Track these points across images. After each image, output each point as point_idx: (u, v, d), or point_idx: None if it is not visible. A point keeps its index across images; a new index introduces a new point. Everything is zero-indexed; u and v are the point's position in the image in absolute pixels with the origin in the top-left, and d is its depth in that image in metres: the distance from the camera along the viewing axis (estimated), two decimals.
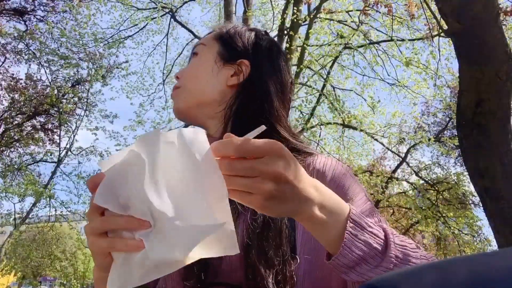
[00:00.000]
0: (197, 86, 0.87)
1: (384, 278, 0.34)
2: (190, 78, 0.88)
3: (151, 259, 0.45)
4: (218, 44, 0.89)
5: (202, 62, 0.88)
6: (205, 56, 0.89)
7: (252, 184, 0.47)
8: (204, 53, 0.89)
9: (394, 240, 0.57)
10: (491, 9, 2.28)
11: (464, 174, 8.85)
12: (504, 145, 2.36)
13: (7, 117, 10.60)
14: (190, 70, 0.89)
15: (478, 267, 0.32)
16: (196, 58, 0.90)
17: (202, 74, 0.87)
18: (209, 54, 0.89)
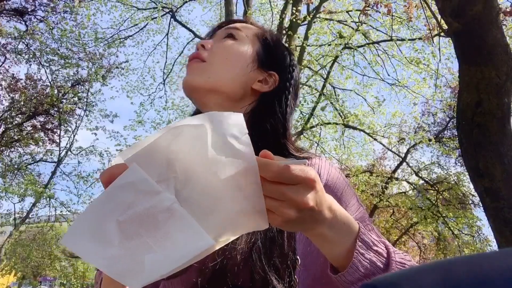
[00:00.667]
0: (227, 72, 0.79)
1: (384, 278, 0.34)
2: (223, 59, 0.79)
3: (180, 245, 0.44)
4: (259, 44, 0.84)
5: (241, 51, 0.81)
6: (244, 46, 0.82)
7: (278, 207, 0.49)
8: (243, 42, 0.82)
9: (395, 258, 0.60)
10: (491, 9, 2.28)
11: (464, 174, 8.86)
12: (504, 145, 2.36)
13: (7, 117, 10.61)
14: (225, 51, 0.80)
15: (478, 267, 0.32)
16: (235, 43, 0.82)
17: (237, 63, 0.80)
18: (249, 47, 0.82)
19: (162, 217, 0.44)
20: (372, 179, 9.07)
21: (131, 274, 0.44)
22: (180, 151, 0.46)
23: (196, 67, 0.78)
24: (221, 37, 0.83)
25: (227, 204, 0.47)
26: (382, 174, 9.75)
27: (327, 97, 8.10)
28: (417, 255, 13.54)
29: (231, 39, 0.82)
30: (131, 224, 0.44)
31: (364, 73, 8.46)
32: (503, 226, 2.38)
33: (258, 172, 0.47)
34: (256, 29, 0.87)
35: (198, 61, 0.78)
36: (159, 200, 0.44)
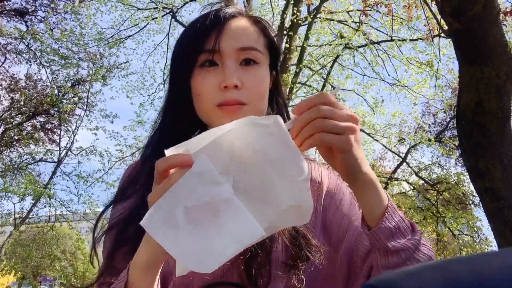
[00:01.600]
0: (262, 106, 0.78)
1: (384, 278, 0.34)
2: (258, 96, 0.77)
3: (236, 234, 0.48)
4: (268, 55, 0.82)
5: (266, 76, 0.79)
6: (265, 69, 0.80)
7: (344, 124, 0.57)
8: (263, 65, 0.79)
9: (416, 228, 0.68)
10: (491, 9, 2.28)
11: (464, 174, 8.85)
12: (504, 145, 2.36)
13: (7, 117, 10.61)
14: (257, 85, 0.76)
15: (478, 267, 0.32)
16: (259, 70, 0.78)
17: (265, 93, 0.79)
18: (266, 67, 0.80)
19: (221, 207, 0.49)
20: None
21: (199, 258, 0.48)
22: (244, 146, 0.51)
23: (238, 110, 0.74)
24: (236, 58, 0.76)
25: (280, 198, 0.51)
26: (382, 174, 9.74)
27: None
28: None
29: (255, 65, 0.77)
30: (196, 211, 0.49)
31: (364, 73, 8.46)
32: (503, 226, 2.38)
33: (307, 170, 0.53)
34: (266, 39, 0.81)
35: (239, 105, 0.74)
36: (220, 191, 0.49)
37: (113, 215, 0.80)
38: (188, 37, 0.80)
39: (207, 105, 0.75)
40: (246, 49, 0.76)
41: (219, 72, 0.75)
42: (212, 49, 0.74)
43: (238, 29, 0.77)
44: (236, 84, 0.73)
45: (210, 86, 0.75)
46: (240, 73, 0.75)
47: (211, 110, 0.75)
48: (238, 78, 0.74)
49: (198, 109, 0.79)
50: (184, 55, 0.79)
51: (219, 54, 0.75)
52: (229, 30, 0.76)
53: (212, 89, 0.74)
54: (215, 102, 0.74)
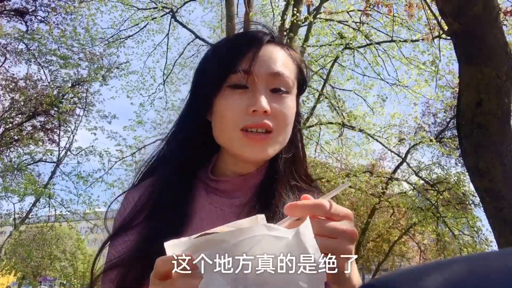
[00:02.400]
0: (285, 137, 0.76)
1: (384, 278, 0.34)
2: (284, 125, 0.74)
3: None
4: (297, 86, 0.80)
5: (293, 107, 0.76)
6: (293, 97, 0.78)
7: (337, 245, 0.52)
8: (292, 94, 0.77)
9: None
10: (491, 9, 2.28)
11: (465, 174, 8.85)
12: (504, 145, 2.36)
13: (7, 117, 10.61)
14: (284, 114, 0.74)
15: (478, 267, 0.32)
16: (288, 98, 0.75)
17: (291, 123, 0.77)
18: (294, 97, 0.78)
19: None
20: (372, 179, 9.06)
21: None
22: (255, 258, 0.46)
23: (265, 139, 0.71)
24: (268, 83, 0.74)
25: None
26: (382, 175, 9.74)
27: (327, 97, 8.10)
28: (417, 255, 13.56)
29: (286, 95, 0.75)
30: None
31: (364, 73, 8.46)
32: (503, 226, 2.38)
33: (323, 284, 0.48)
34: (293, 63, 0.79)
35: (266, 134, 0.72)
36: None
37: (111, 253, 0.74)
38: (221, 54, 0.76)
39: (230, 128, 0.72)
40: (279, 75, 0.74)
41: (249, 95, 0.72)
42: (247, 70, 0.71)
43: (274, 54, 0.75)
44: (266, 109, 0.70)
45: (237, 108, 0.71)
46: (270, 100, 0.72)
47: (234, 134, 0.72)
48: (268, 103, 0.71)
49: (219, 131, 0.75)
50: (214, 71, 0.75)
51: (252, 77, 0.72)
52: (265, 55, 0.74)
53: (239, 111, 0.71)
54: (240, 125, 0.71)
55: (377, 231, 12.68)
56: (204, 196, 0.78)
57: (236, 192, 0.78)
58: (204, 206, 0.77)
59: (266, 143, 0.71)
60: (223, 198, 0.78)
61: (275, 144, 0.73)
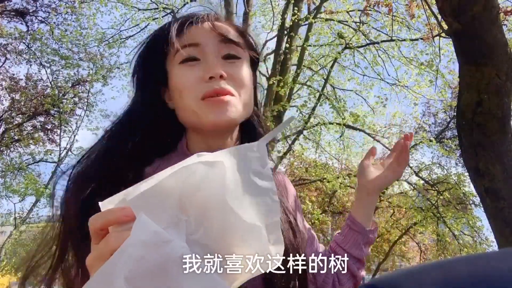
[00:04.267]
0: (249, 101, 0.75)
1: (384, 278, 0.34)
2: (245, 88, 0.74)
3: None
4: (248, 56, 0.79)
5: (248, 72, 0.77)
6: (247, 65, 0.77)
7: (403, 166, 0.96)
8: (245, 61, 0.77)
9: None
10: (491, 9, 2.28)
11: (465, 175, 8.84)
12: (504, 145, 2.36)
13: (7, 117, 10.61)
14: (241, 77, 0.73)
15: (478, 267, 0.32)
16: (242, 64, 0.75)
17: (251, 88, 0.77)
18: (248, 65, 0.78)
19: (174, 268, 0.40)
20: None
21: None
22: (193, 191, 0.42)
23: (227, 100, 0.69)
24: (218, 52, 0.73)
25: (247, 247, 0.44)
26: None
27: (329, 99, 8.09)
28: (417, 255, 13.54)
29: (238, 61, 0.74)
30: (141, 280, 0.40)
31: (364, 73, 8.46)
32: (503, 226, 2.38)
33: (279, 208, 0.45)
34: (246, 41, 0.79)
35: (228, 95, 0.70)
36: (169, 251, 0.40)
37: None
38: (162, 35, 0.74)
39: (190, 99, 0.70)
40: (228, 41, 0.73)
41: (202, 65, 0.71)
42: (194, 42, 0.71)
43: (220, 24, 0.75)
44: (221, 74, 0.69)
45: (193, 78, 0.70)
46: (224, 67, 0.71)
47: (195, 105, 0.69)
48: (222, 71, 0.70)
49: (181, 108, 0.73)
50: (162, 50, 0.73)
51: (201, 47, 0.72)
52: (208, 25, 0.74)
53: (196, 81, 0.70)
54: (200, 94, 0.69)
55: (377, 231, 12.64)
56: None
57: None
58: None
59: (228, 104, 0.69)
60: None
61: (237, 105, 0.71)
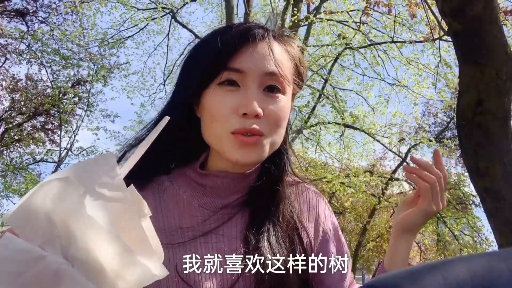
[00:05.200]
0: (278, 139, 0.72)
1: (384, 278, 0.34)
2: (277, 128, 0.70)
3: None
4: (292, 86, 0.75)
5: (287, 107, 0.72)
6: (288, 98, 0.73)
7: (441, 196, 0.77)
8: (287, 94, 0.73)
9: None
10: (491, 9, 2.28)
11: (465, 175, 8.85)
12: (504, 145, 2.36)
13: (7, 117, 10.61)
14: (277, 116, 0.69)
15: (478, 267, 0.32)
16: (283, 99, 0.71)
17: (284, 124, 0.73)
18: (289, 96, 0.74)
19: (51, 282, 0.40)
20: (373, 179, 9.05)
21: None
22: (56, 207, 0.42)
23: (256, 141, 0.67)
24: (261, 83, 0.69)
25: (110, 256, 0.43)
26: (382, 175, 9.74)
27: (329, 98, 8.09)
28: (417, 255, 13.53)
29: (279, 94, 0.70)
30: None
31: (364, 74, 8.46)
32: (503, 226, 2.38)
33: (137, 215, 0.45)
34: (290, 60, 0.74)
35: (256, 136, 0.67)
36: (45, 265, 0.40)
37: None
38: (212, 47, 0.70)
39: (220, 129, 0.68)
40: (273, 75, 0.69)
41: (240, 95, 0.67)
42: (236, 68, 0.67)
43: (268, 52, 0.70)
44: (258, 112, 0.66)
45: (228, 108, 0.67)
46: (262, 101, 0.68)
47: (224, 136, 0.68)
48: (260, 106, 0.66)
49: (207, 130, 0.71)
50: (204, 66, 0.70)
51: (244, 75, 0.67)
52: (259, 52, 0.69)
53: (229, 112, 0.67)
54: (230, 128, 0.67)
55: (377, 231, 12.66)
56: (191, 198, 0.74)
57: (226, 191, 0.74)
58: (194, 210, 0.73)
59: (257, 146, 0.67)
60: (214, 199, 0.73)
61: (266, 147, 0.69)
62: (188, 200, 0.73)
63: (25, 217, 0.42)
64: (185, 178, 0.76)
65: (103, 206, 0.43)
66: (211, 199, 0.73)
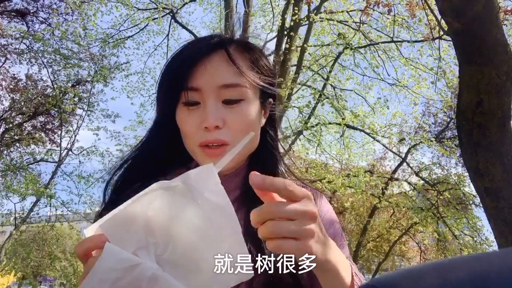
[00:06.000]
0: (249, 144, 0.72)
1: (384, 278, 0.34)
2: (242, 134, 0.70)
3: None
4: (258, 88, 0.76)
5: (251, 113, 0.74)
6: (252, 104, 0.74)
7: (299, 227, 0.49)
8: (250, 100, 0.74)
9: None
10: (491, 9, 2.28)
11: (465, 175, 8.84)
12: (504, 145, 2.36)
13: (7, 117, 10.61)
14: (240, 123, 0.72)
15: (478, 267, 0.32)
16: (244, 106, 0.73)
17: (254, 126, 0.75)
18: (255, 101, 0.75)
19: (146, 287, 0.44)
20: (373, 179, 9.06)
21: None
22: (157, 215, 0.47)
23: (221, 153, 0.70)
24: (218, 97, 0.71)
25: (210, 261, 0.47)
26: (382, 175, 9.74)
27: (329, 98, 8.10)
28: (417, 255, 13.54)
29: (240, 103, 0.72)
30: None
31: (364, 74, 8.46)
32: (503, 226, 2.38)
33: (237, 221, 0.48)
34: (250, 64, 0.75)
35: (220, 147, 0.71)
36: (140, 271, 0.44)
37: None
38: (171, 70, 0.75)
39: (190, 143, 0.74)
40: (228, 86, 0.71)
41: (201, 111, 0.72)
42: (192, 87, 0.71)
43: (220, 64, 0.72)
44: (216, 124, 0.70)
45: (192, 125, 0.72)
46: (222, 112, 0.71)
47: (194, 149, 0.74)
48: (219, 117, 0.70)
49: (185, 144, 0.77)
50: (168, 89, 0.75)
51: (200, 92, 0.71)
52: (210, 67, 0.71)
53: (194, 128, 0.72)
54: (197, 142, 0.72)
55: (377, 231, 12.67)
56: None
57: None
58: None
59: (221, 154, 0.69)
60: None
61: None
62: None
63: (120, 225, 0.46)
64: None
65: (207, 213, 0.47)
66: None
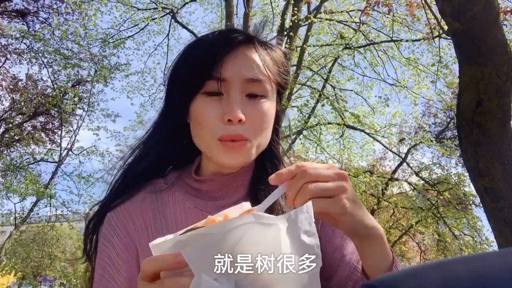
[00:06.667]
0: (264, 142, 0.75)
1: (384, 278, 0.34)
2: (261, 131, 0.73)
3: None
4: (275, 86, 0.77)
5: (270, 111, 0.74)
6: (271, 102, 0.75)
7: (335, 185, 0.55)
8: (270, 97, 0.74)
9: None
10: (491, 9, 2.28)
11: (465, 175, 8.84)
12: (504, 145, 2.36)
13: (7, 117, 10.61)
14: (261, 120, 0.72)
15: (478, 267, 0.32)
16: (265, 103, 0.73)
17: (269, 128, 0.75)
18: (273, 100, 0.76)
19: None
20: (373, 179, 9.05)
21: None
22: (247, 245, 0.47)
23: (242, 145, 0.70)
24: (243, 90, 0.71)
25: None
26: (382, 175, 9.73)
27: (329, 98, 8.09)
28: (417, 255, 13.53)
29: (262, 99, 0.73)
30: None
31: (364, 74, 8.47)
32: (503, 226, 2.38)
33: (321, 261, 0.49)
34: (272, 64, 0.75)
35: (241, 141, 0.70)
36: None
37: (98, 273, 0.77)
38: (194, 57, 0.74)
39: (207, 136, 0.71)
40: (254, 81, 0.71)
41: (224, 102, 0.70)
42: (219, 77, 0.69)
43: (249, 58, 0.72)
44: (240, 118, 0.69)
45: (212, 116, 0.70)
46: (245, 106, 0.70)
47: (211, 143, 0.71)
48: (243, 111, 0.69)
49: (197, 137, 0.74)
50: (188, 76, 0.73)
51: (226, 83, 0.70)
52: (239, 59, 0.71)
53: (214, 120, 0.70)
54: (216, 135, 0.70)
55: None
56: (187, 200, 0.77)
57: (221, 193, 0.77)
58: (190, 212, 0.76)
59: (242, 150, 0.71)
60: (208, 202, 0.77)
61: (251, 150, 0.72)
62: (183, 202, 0.77)
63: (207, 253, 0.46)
64: (181, 182, 0.80)
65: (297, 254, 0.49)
66: (205, 201, 0.77)
